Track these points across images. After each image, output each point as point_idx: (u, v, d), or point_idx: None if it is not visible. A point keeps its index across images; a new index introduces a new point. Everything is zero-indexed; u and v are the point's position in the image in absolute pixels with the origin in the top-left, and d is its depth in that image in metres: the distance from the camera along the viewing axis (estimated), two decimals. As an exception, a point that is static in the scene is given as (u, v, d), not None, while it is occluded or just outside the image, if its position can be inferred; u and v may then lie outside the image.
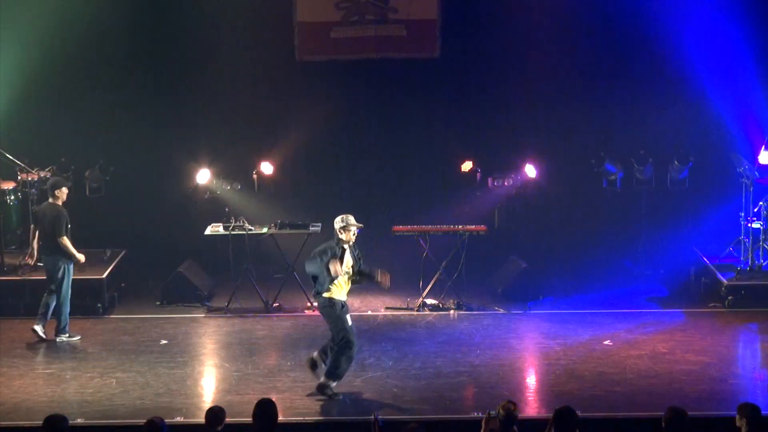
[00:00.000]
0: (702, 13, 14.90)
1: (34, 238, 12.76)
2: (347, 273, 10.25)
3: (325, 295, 10.22)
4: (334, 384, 10.24)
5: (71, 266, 12.23)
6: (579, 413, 7.79)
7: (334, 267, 10.01)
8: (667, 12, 14.87)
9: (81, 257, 12.27)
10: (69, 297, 12.20)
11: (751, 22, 14.88)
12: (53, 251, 12.17)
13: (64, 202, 12.25)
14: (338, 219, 10.32)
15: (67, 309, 12.19)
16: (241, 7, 15.22)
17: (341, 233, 10.23)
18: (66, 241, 12.12)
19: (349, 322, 10.28)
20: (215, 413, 7.99)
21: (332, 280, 10.12)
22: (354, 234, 10.28)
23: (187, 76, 15.32)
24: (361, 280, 10.46)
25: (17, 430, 9.64)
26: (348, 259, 10.27)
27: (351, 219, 10.30)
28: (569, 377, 10.82)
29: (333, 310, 10.22)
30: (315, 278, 10.27)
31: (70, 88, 15.13)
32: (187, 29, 15.24)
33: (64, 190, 12.29)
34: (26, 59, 14.85)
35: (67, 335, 12.18)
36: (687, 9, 14.88)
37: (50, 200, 12.23)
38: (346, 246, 10.24)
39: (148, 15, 15.17)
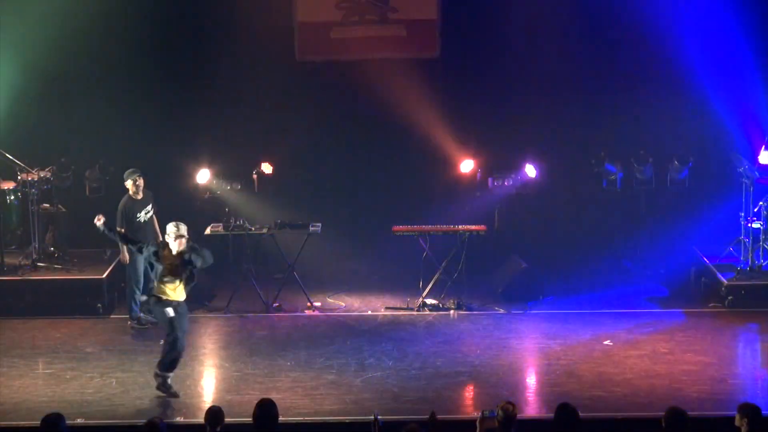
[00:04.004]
0: (702, 12, 14.89)
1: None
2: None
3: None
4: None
5: (137, 252, 12.39)
6: (579, 413, 7.78)
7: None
8: (667, 11, 14.86)
9: (125, 257, 12.44)
10: (140, 283, 12.59)
11: (751, 21, 14.87)
12: None
13: (134, 193, 12.54)
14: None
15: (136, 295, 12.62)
16: (241, 7, 15.21)
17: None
18: (121, 231, 12.29)
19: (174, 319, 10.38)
20: (215, 413, 7.99)
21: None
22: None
23: (187, 76, 15.31)
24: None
25: (17, 430, 9.65)
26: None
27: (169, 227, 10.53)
28: (569, 377, 10.83)
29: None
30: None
31: (70, 88, 15.12)
32: (187, 29, 15.24)
33: (129, 181, 12.57)
34: (27, 59, 14.86)
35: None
36: (687, 8, 14.87)
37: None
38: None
39: (148, 15, 15.15)
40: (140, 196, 12.64)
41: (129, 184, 12.59)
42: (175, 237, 10.39)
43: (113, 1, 15.13)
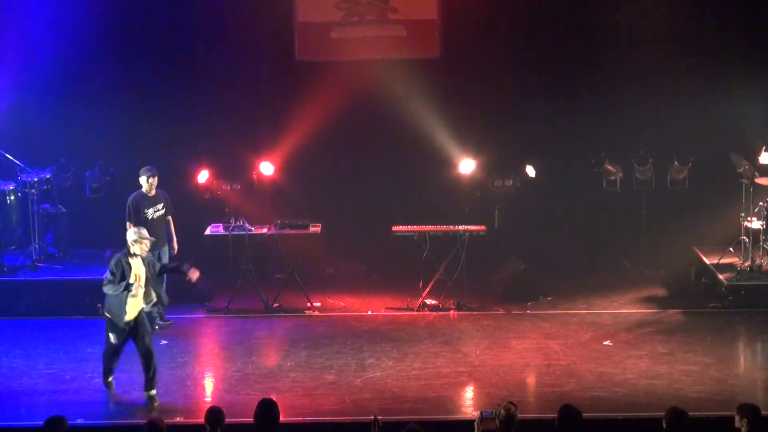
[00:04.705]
0: (701, 11, 14.89)
1: None
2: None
3: None
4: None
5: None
6: (582, 415, 7.77)
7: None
8: (667, 11, 14.85)
9: None
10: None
11: (750, 21, 14.87)
12: None
13: (147, 190, 12.58)
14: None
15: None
16: (241, 7, 15.21)
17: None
18: (128, 227, 12.30)
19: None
20: (215, 414, 8.00)
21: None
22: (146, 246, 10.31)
23: (188, 75, 15.31)
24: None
25: (17, 430, 9.65)
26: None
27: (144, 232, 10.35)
28: (569, 377, 10.83)
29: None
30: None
31: (70, 88, 15.11)
32: (187, 29, 15.23)
33: (143, 177, 12.62)
34: (27, 59, 14.86)
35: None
36: (686, 8, 14.87)
37: None
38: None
39: (148, 15, 15.16)
40: (152, 193, 12.67)
41: (142, 180, 12.66)
42: (134, 241, 10.23)
43: (113, 2, 15.13)
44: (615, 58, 15.24)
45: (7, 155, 13.73)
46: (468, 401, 10.49)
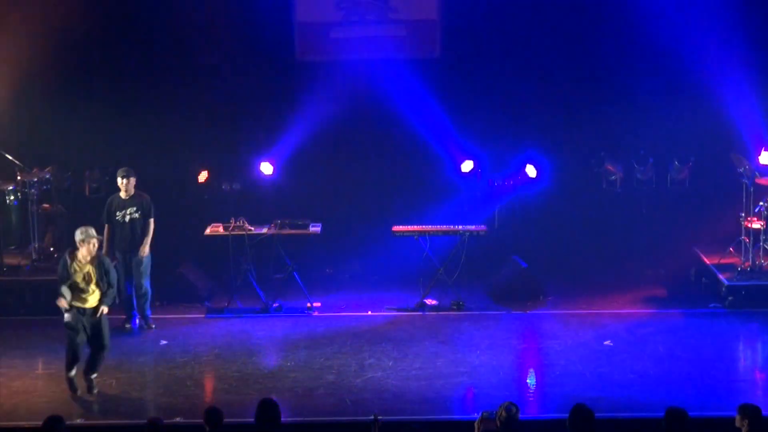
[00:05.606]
0: (702, 11, 14.90)
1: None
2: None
3: None
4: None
5: (122, 257, 12.56)
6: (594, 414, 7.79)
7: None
8: (667, 11, 14.86)
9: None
10: (122, 288, 12.46)
11: (751, 21, 14.88)
12: None
13: (122, 191, 12.56)
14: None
15: (127, 300, 12.62)
16: (241, 7, 15.21)
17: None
18: (105, 227, 12.41)
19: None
20: (214, 414, 8.00)
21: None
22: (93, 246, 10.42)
23: (188, 75, 15.31)
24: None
25: (17, 430, 9.65)
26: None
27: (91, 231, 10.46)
28: (569, 378, 10.82)
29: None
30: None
31: (70, 87, 15.11)
32: (187, 29, 15.22)
33: (118, 180, 12.58)
34: (26, 59, 14.85)
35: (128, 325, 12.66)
36: (687, 7, 14.88)
37: None
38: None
39: (148, 15, 15.16)
40: (127, 194, 12.58)
41: (119, 181, 12.62)
42: (78, 242, 10.38)
43: (113, 2, 15.13)
44: (615, 58, 15.25)
45: (7, 155, 13.72)
46: (468, 401, 10.49)
